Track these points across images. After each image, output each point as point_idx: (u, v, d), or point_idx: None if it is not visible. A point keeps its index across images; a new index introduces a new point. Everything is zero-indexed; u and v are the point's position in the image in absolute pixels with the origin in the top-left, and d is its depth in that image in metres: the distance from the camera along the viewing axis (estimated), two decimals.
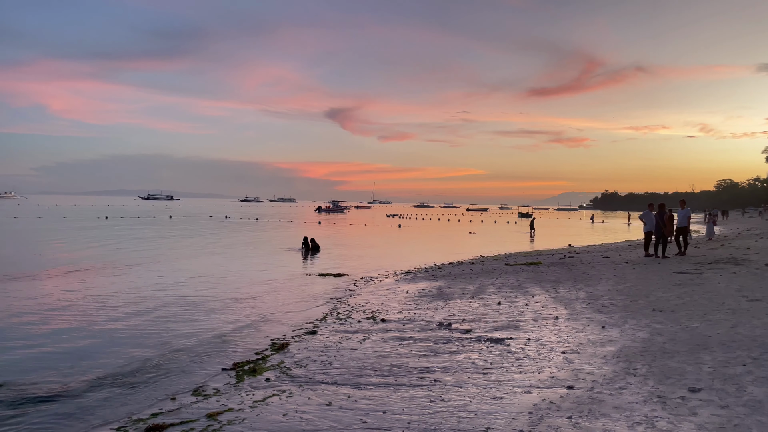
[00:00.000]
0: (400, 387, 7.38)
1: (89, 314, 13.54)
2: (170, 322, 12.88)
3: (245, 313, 13.96)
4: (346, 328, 11.66)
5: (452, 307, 13.21)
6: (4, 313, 13.52)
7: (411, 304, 14.15)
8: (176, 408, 7.23)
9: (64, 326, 12.28)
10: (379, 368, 8.38)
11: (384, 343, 9.99)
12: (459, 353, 8.95)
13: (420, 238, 48.72)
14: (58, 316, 13.34)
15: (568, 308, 12.25)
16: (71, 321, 12.80)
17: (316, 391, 7.48)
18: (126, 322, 12.73)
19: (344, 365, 8.69)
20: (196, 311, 14.12)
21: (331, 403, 6.87)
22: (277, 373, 8.56)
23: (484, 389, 7.04)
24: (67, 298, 15.53)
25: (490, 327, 10.80)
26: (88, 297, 15.80)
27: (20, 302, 14.88)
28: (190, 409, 7.12)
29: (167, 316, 13.44)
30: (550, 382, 7.17)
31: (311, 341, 10.64)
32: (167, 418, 6.78)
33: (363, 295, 16.27)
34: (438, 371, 8.00)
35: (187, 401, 7.51)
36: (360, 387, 7.51)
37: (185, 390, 8.13)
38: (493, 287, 16.10)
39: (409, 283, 18.56)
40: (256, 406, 6.93)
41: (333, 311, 13.87)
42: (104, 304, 14.85)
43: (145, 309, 14.27)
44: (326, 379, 8.00)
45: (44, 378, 8.74)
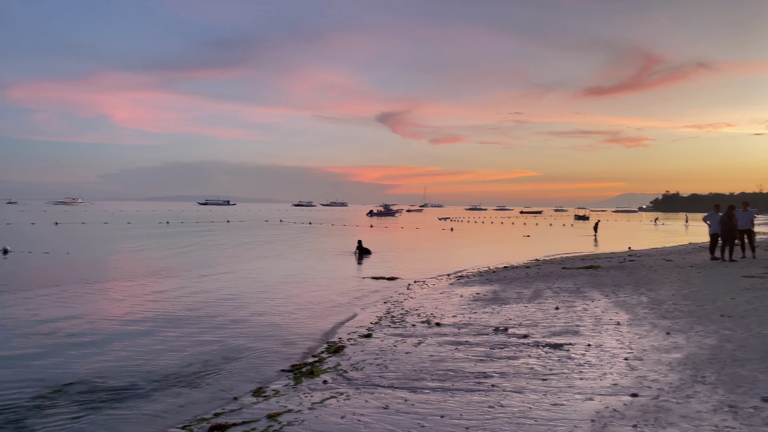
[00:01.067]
0: (457, 392, 7.33)
1: (153, 316, 14.05)
2: (229, 323, 13.22)
3: (301, 316, 14.19)
4: (401, 331, 11.67)
5: (508, 312, 13.02)
6: (76, 314, 14.20)
7: (465, 308, 14.03)
8: (238, 408, 7.42)
9: (130, 327, 12.80)
10: (436, 372, 8.35)
11: (439, 347, 9.94)
12: (516, 358, 8.81)
13: (473, 241, 48.30)
14: (124, 317, 13.91)
15: (630, 313, 11.87)
16: (136, 322, 13.33)
17: (373, 394, 7.51)
18: (188, 324, 13.15)
19: (400, 369, 8.70)
20: (254, 313, 14.45)
21: (388, 407, 6.89)
22: (333, 375, 8.65)
23: (544, 395, 6.91)
24: (132, 301, 16.18)
25: (548, 332, 10.59)
26: (152, 299, 16.41)
27: (90, 304, 15.60)
28: (251, 409, 7.29)
29: (226, 318, 13.80)
30: (612, 389, 6.97)
31: (366, 344, 10.70)
32: (229, 418, 6.96)
33: (417, 299, 16.25)
34: (495, 376, 7.90)
35: (248, 401, 7.69)
36: (416, 391, 7.50)
37: (246, 390, 8.33)
38: (550, 291, 15.78)
39: (463, 287, 18.42)
40: (315, 408, 7.03)
41: (387, 315, 13.91)
42: (167, 306, 15.39)
43: (205, 311, 14.70)
44: (383, 383, 8.03)
45: (114, 377, 9.12)
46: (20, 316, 13.87)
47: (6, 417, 7.38)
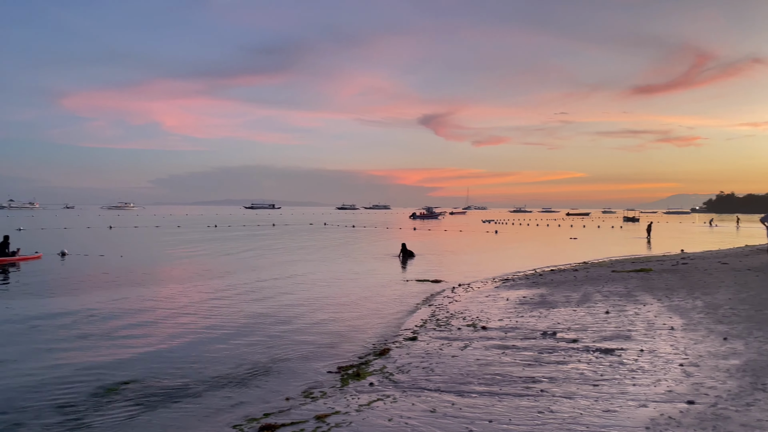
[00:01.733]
0: (505, 396, 7.24)
1: (204, 318, 14.40)
2: (277, 325, 13.42)
3: (346, 318, 14.28)
4: (446, 335, 11.60)
5: (556, 316, 12.79)
6: (130, 316, 14.68)
7: (512, 311, 13.85)
8: (286, 408, 7.53)
9: (182, 329, 13.14)
10: (482, 376, 8.27)
11: (486, 351, 9.84)
12: (566, 363, 8.64)
13: (518, 244, 47.65)
14: (177, 319, 14.30)
15: (685, 318, 11.48)
16: (188, 324, 13.68)
17: (420, 397, 7.50)
18: (237, 325, 13.42)
19: (446, 372, 8.65)
20: (301, 315, 14.63)
21: (435, 410, 6.86)
22: (380, 377, 8.68)
23: (596, 401, 6.75)
24: (184, 303, 16.63)
25: (599, 337, 10.34)
26: (202, 302, 16.82)
27: (143, 306, 16.10)
28: (299, 410, 7.38)
29: (274, 320, 14.02)
30: (668, 395, 6.76)
31: (412, 347, 10.69)
32: (278, 418, 7.07)
33: (461, 302, 16.13)
34: (544, 381, 7.77)
35: (296, 402, 7.79)
36: (463, 395, 7.45)
37: (294, 391, 8.44)
38: (600, 295, 15.41)
39: (508, 290, 18.19)
40: (362, 410, 7.06)
41: (432, 318, 13.87)
42: (217, 308, 15.74)
43: (254, 313, 14.98)
44: (429, 386, 8.00)
45: (167, 377, 9.39)
46: (78, 317, 14.42)
47: (66, 414, 7.69)
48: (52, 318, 14.20)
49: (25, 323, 13.57)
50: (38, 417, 7.56)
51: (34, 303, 16.41)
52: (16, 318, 14.22)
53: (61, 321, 13.87)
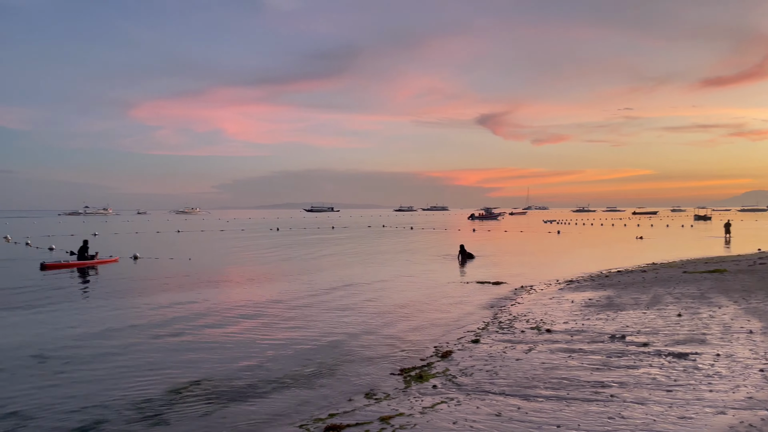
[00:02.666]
0: (573, 401, 7.07)
1: (269, 319, 14.76)
2: (339, 326, 13.60)
3: (407, 320, 14.31)
4: (510, 337, 11.44)
5: (624, 318, 12.37)
6: (198, 316, 15.23)
7: (577, 314, 13.50)
8: (351, 410, 7.61)
9: (248, 330, 13.52)
10: (549, 380, 8.11)
11: (551, 355, 9.64)
12: (636, 368, 8.35)
13: (582, 244, 46.40)
14: (243, 320, 14.72)
15: (764, 321, 10.88)
16: (254, 325, 14.06)
17: (484, 400, 7.43)
18: (301, 326, 13.68)
19: (511, 376, 8.53)
20: (362, 317, 14.76)
21: (500, 414, 6.78)
22: (443, 380, 8.65)
23: (669, 408, 6.49)
24: (249, 304, 17.10)
25: (671, 340, 9.94)
26: (267, 303, 17.25)
27: (211, 307, 16.67)
28: (364, 411, 7.45)
29: (337, 322, 14.21)
30: (747, 402, 6.42)
31: (474, 350, 10.60)
32: (343, 419, 7.16)
33: (524, 304, 15.86)
34: (614, 386, 7.54)
35: (361, 404, 7.87)
36: (529, 399, 7.32)
37: (358, 392, 8.53)
38: (671, 297, 14.81)
39: (573, 292, 17.74)
40: (426, 413, 7.06)
41: (494, 320, 13.70)
42: (281, 309, 16.11)
43: (316, 314, 15.24)
44: (493, 389, 7.91)
45: (235, 377, 9.68)
46: (150, 317, 15.09)
47: (143, 411, 8.05)
48: (127, 319, 14.92)
49: (103, 324, 14.30)
50: (119, 413, 7.95)
51: (111, 304, 17.28)
52: (95, 318, 15.02)
53: (134, 321, 14.54)
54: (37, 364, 10.55)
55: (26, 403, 8.34)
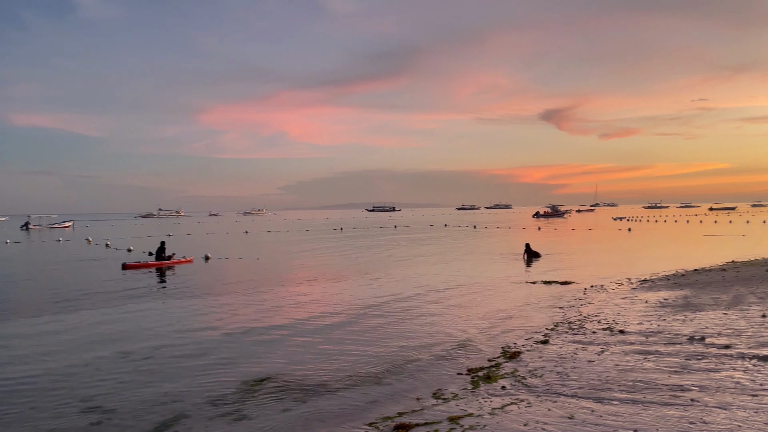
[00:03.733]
0: (650, 405, 6.81)
1: (336, 317, 15.00)
2: (405, 325, 13.64)
3: (473, 320, 14.18)
4: (580, 338, 11.14)
5: (703, 319, 11.80)
6: (268, 315, 15.66)
7: (652, 314, 12.99)
8: (419, 409, 7.63)
9: (317, 328, 13.78)
10: (623, 383, 7.85)
11: (625, 357, 9.33)
12: (718, 371, 7.95)
13: (655, 242, 44.56)
14: (311, 318, 15.01)
15: None
16: (322, 323, 14.32)
17: (556, 402, 7.28)
18: (368, 325, 13.82)
19: (583, 377, 8.32)
20: (428, 317, 14.75)
21: (573, 417, 6.62)
22: (512, 381, 8.53)
23: (755, 413, 6.15)
24: (317, 303, 17.43)
25: (755, 342, 9.40)
26: (334, 301, 17.53)
27: (280, 306, 17.09)
28: (432, 411, 7.46)
29: (404, 321, 14.27)
30: None
31: (544, 351, 10.39)
32: (412, 418, 7.18)
33: (595, 305, 15.40)
34: (694, 390, 7.21)
35: (429, 403, 7.88)
36: (603, 402, 7.11)
37: (426, 392, 8.54)
38: (754, 297, 14.00)
39: (647, 291, 17.07)
40: (495, 414, 6.98)
41: (564, 321, 13.38)
42: (348, 308, 16.32)
43: (383, 313, 15.35)
44: (565, 391, 7.74)
45: (304, 374, 9.90)
46: (222, 315, 15.64)
47: (219, 406, 8.35)
48: (202, 316, 15.53)
49: (179, 321, 14.94)
50: (198, 408, 8.28)
51: (186, 303, 18.03)
52: (172, 316, 15.71)
53: (208, 319, 15.11)
54: (120, 360, 11.14)
55: (111, 398, 8.83)
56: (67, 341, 12.83)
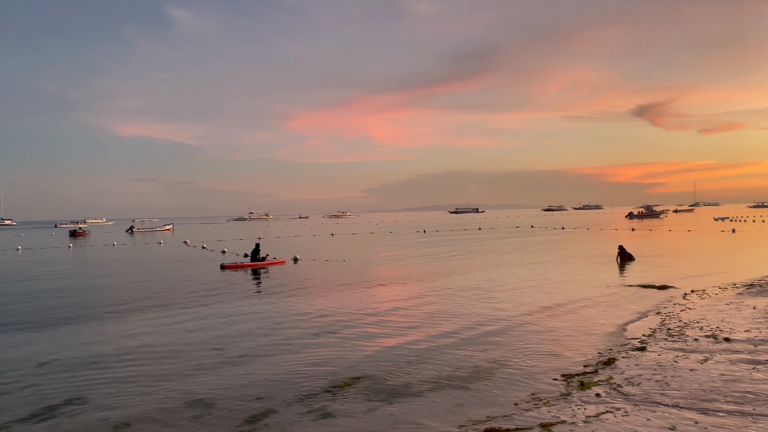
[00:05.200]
0: (761, 418, 6.36)
1: (421, 318, 15.03)
2: (493, 329, 13.46)
3: (564, 324, 13.77)
4: (681, 346, 10.55)
5: None
6: (355, 314, 15.95)
7: (761, 321, 12.08)
8: (509, 414, 7.52)
9: (402, 328, 13.88)
10: (730, 394, 7.36)
11: (732, 366, 8.74)
12: None
13: (762, 244, 41.34)
14: (397, 319, 15.14)
15: None
16: (407, 323, 14.40)
17: (655, 412, 6.95)
18: (454, 328, 13.76)
19: (684, 387, 7.88)
20: (516, 320, 14.48)
21: (675, 428, 6.30)
22: (606, 388, 8.23)
23: None
24: (402, 303, 17.55)
25: None
26: (419, 303, 17.59)
27: (367, 306, 17.36)
28: (523, 416, 7.33)
29: (490, 324, 14.08)
30: None
31: (641, 358, 9.93)
32: (502, 423, 7.10)
33: (696, 310, 14.51)
34: None
35: (519, 408, 7.75)
36: (708, 413, 6.71)
37: (515, 397, 8.39)
38: None
39: (755, 297, 15.88)
40: (590, 422, 6.77)
41: (662, 327, 12.71)
42: (433, 309, 16.32)
43: (469, 316, 15.23)
44: (665, 401, 7.37)
45: (392, 374, 10.00)
46: (311, 315, 16.09)
47: (308, 404, 8.61)
48: (292, 315, 16.07)
49: (271, 320, 15.55)
50: (288, 404, 8.58)
51: (278, 302, 18.74)
52: (265, 315, 16.37)
53: (298, 318, 15.61)
54: (218, 356, 11.74)
55: (208, 391, 9.32)
56: (172, 337, 13.67)
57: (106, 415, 8.27)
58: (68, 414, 8.36)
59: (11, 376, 10.48)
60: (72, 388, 9.63)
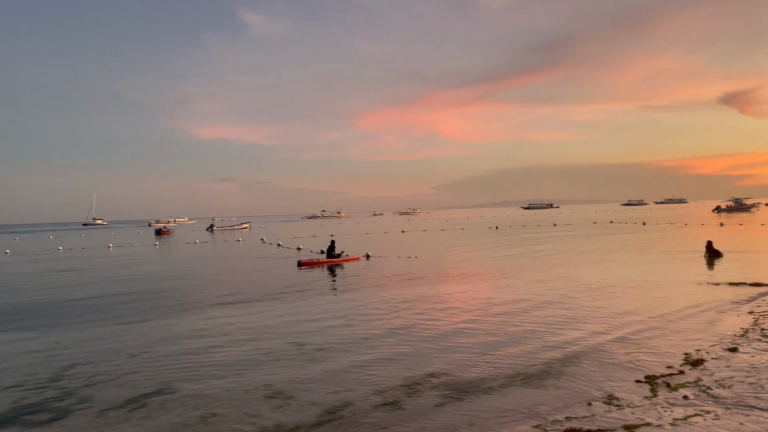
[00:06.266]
0: None
1: (493, 315, 14.83)
2: (569, 326, 13.10)
3: (647, 324, 13.19)
4: None
5: None
6: (427, 312, 15.96)
7: None
8: (590, 415, 7.31)
9: (473, 325, 13.75)
10: None
11: None
12: None
13: None
14: (468, 315, 15.01)
15: None
16: (478, 320, 14.25)
17: (749, 416, 6.57)
18: (527, 325, 13.49)
19: None
20: (595, 318, 14.02)
21: None
22: (695, 390, 7.84)
23: None
24: (474, 301, 17.40)
25: None
26: (490, 299, 17.37)
27: (438, 303, 17.34)
28: (605, 418, 7.11)
29: (565, 321, 13.72)
30: None
31: (732, 359, 9.40)
32: (583, 424, 6.91)
33: None
34: None
35: (600, 409, 7.52)
36: None
37: (595, 397, 8.15)
38: None
39: None
40: (677, 425, 6.48)
41: (755, 326, 11.96)
42: (504, 306, 16.06)
43: (544, 312, 14.89)
44: (760, 404, 6.95)
45: (464, 371, 9.94)
46: (384, 310, 16.24)
47: (385, 397, 8.71)
48: (366, 311, 16.29)
49: (347, 315, 15.83)
50: (364, 398, 8.72)
51: (353, 298, 19.07)
52: (341, 310, 16.69)
53: (372, 314, 15.80)
54: (296, 349, 12.08)
55: (288, 383, 9.62)
56: (253, 331, 14.20)
57: (194, 403, 8.71)
58: (158, 402, 8.86)
59: (106, 367, 11.22)
60: (161, 378, 10.20)
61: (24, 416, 8.47)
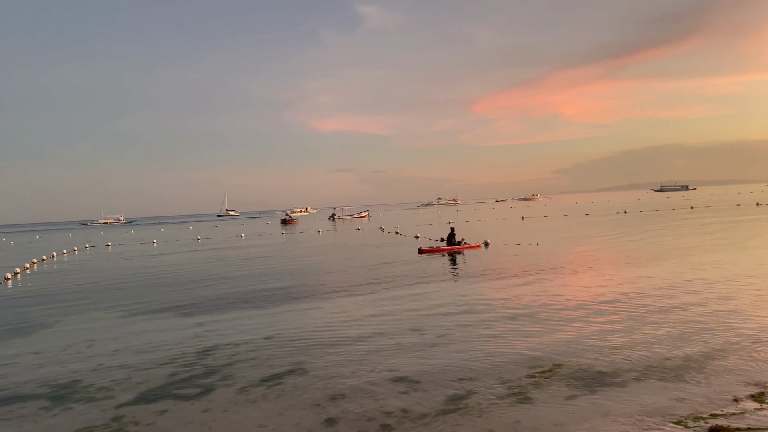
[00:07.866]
0: None
1: (621, 304, 14.06)
2: (715, 318, 12.09)
3: None
4: None
5: None
6: (550, 299, 15.47)
7: None
8: (738, 412, 6.75)
9: (600, 314, 13.13)
10: None
11: None
12: None
13: None
14: (594, 304, 14.35)
15: None
16: (605, 309, 13.58)
17: None
18: (660, 318, 12.64)
19: None
20: (735, 312, 12.84)
21: None
22: None
23: None
24: (599, 289, 16.59)
25: None
26: (617, 289, 16.48)
27: (561, 291, 16.76)
28: (755, 415, 6.54)
29: (703, 312, 12.70)
30: None
31: None
32: (731, 422, 6.40)
33: None
34: None
35: (750, 406, 6.92)
36: None
37: (743, 393, 7.50)
38: None
39: None
40: None
41: None
42: (639, 295, 15.15)
43: (683, 303, 13.88)
44: None
45: (593, 362, 9.52)
46: (507, 298, 15.97)
47: (510, 388, 8.58)
48: (487, 299, 16.14)
49: (467, 303, 15.80)
50: (488, 387, 8.63)
51: (473, 285, 19.02)
52: (461, 297, 16.69)
53: (493, 302, 15.62)
54: (419, 336, 12.26)
55: (411, 369, 9.78)
56: (377, 317, 14.62)
57: (323, 384, 9.15)
58: (291, 382, 9.41)
59: (244, 348, 12.09)
60: (293, 359, 10.82)
61: (176, 390, 9.38)
